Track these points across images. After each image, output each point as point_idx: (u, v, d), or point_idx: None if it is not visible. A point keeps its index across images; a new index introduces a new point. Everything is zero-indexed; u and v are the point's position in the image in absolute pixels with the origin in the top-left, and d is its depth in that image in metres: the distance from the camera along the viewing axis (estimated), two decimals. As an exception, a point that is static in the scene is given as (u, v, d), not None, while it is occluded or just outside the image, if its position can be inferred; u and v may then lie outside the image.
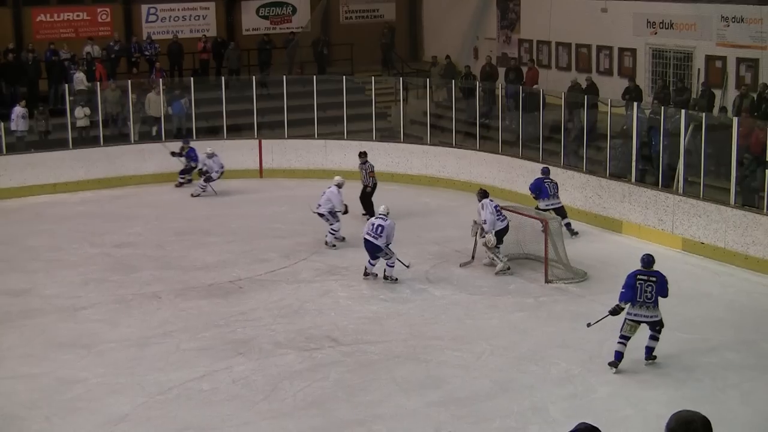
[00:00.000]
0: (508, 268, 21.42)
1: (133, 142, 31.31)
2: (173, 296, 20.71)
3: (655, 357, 16.53)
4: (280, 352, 17.56)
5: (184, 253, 23.68)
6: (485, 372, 16.62)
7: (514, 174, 27.44)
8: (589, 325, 16.86)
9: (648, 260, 16.66)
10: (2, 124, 29.77)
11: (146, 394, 15.92)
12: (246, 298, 20.48)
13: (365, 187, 26.12)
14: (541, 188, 24.10)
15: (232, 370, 16.82)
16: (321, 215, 23.73)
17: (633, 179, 24.61)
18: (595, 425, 6.18)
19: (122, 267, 22.67)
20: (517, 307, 19.74)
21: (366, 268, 21.29)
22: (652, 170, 24.72)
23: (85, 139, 31.05)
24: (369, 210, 25.62)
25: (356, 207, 25.22)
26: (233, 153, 30.65)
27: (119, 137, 31.41)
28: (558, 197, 24.14)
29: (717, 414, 6.27)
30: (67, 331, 18.91)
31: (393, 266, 21.07)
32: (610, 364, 16.43)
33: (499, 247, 21.56)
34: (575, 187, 25.63)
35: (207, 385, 16.32)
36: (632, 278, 16.45)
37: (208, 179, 28.58)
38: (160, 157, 30.03)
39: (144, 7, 38.20)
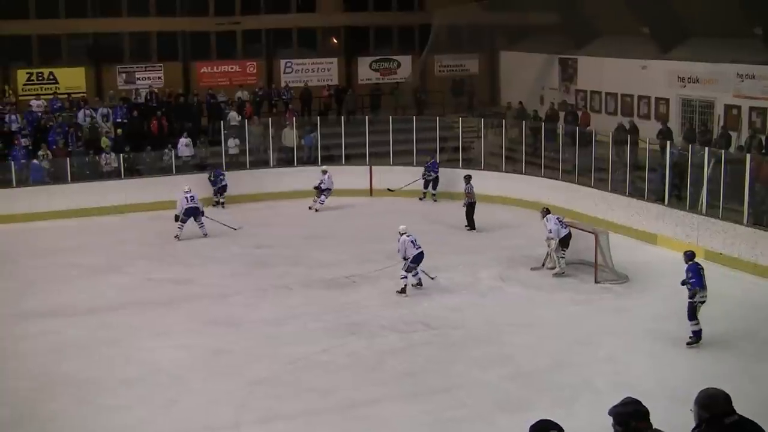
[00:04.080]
0: (563, 273, 21.25)
1: (272, 166, 31.65)
2: (301, 287, 20.88)
3: None
4: (384, 333, 17.65)
5: (310, 253, 23.84)
6: (546, 352, 16.52)
7: (571, 196, 27.19)
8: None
9: (693, 253, 17.06)
10: (173, 151, 30.34)
11: (279, 362, 16.13)
12: (358, 289, 20.58)
13: (467, 204, 26.30)
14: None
15: (346, 346, 16.95)
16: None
17: (666, 202, 24.29)
18: (637, 399, 6.10)
19: (261, 263, 22.91)
20: (572, 302, 19.59)
21: (410, 284, 20.20)
22: (681, 195, 24.36)
23: (235, 163, 31.42)
24: (471, 224, 25.87)
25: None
26: (349, 176, 30.79)
27: (261, 162, 31.72)
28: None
29: (731, 391, 6.15)
30: (218, 312, 19.21)
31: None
32: (691, 342, 16.52)
33: (564, 251, 21.41)
34: (620, 207, 25.34)
35: (327, 357, 16.47)
36: (696, 270, 16.55)
37: (176, 217, 25.50)
38: (293, 178, 30.31)
39: (282, 62, 38.56)
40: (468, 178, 26.58)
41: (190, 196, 25.37)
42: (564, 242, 21.40)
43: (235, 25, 37.80)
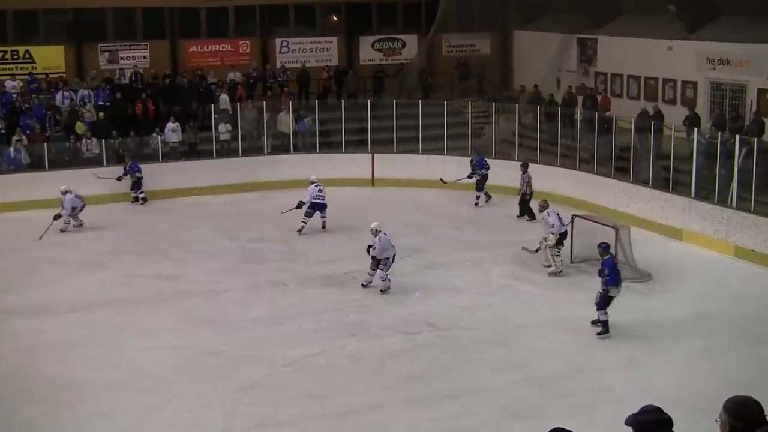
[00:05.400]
0: (560, 271, 21.31)
1: (266, 153, 31.66)
2: (297, 284, 20.94)
3: None
4: (386, 334, 17.69)
5: (307, 248, 23.90)
6: (561, 356, 16.56)
7: (589, 187, 27.20)
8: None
9: (608, 245, 18.07)
10: (160, 137, 30.34)
11: (273, 365, 16.17)
12: (358, 287, 20.56)
13: (523, 194, 26.43)
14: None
15: (345, 348, 16.99)
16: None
17: (692, 194, 24.28)
18: (659, 406, 6.11)
19: (255, 258, 22.97)
20: (590, 302, 19.43)
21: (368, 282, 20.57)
22: (709, 186, 24.34)
23: (227, 150, 31.48)
24: (529, 214, 26.05)
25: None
26: (350, 164, 30.92)
27: (255, 149, 31.73)
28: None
29: (761, 399, 6.18)
30: (208, 310, 19.26)
31: None
32: (602, 333, 17.34)
33: (560, 249, 21.51)
34: (642, 200, 25.33)
35: (324, 360, 16.51)
36: (612, 265, 17.50)
37: (57, 216, 25.42)
38: (289, 166, 30.31)
39: (278, 41, 38.64)
40: (525, 167, 26.70)
41: (77, 195, 25.71)
42: (560, 240, 21.51)
43: (227, 1, 37.84)
